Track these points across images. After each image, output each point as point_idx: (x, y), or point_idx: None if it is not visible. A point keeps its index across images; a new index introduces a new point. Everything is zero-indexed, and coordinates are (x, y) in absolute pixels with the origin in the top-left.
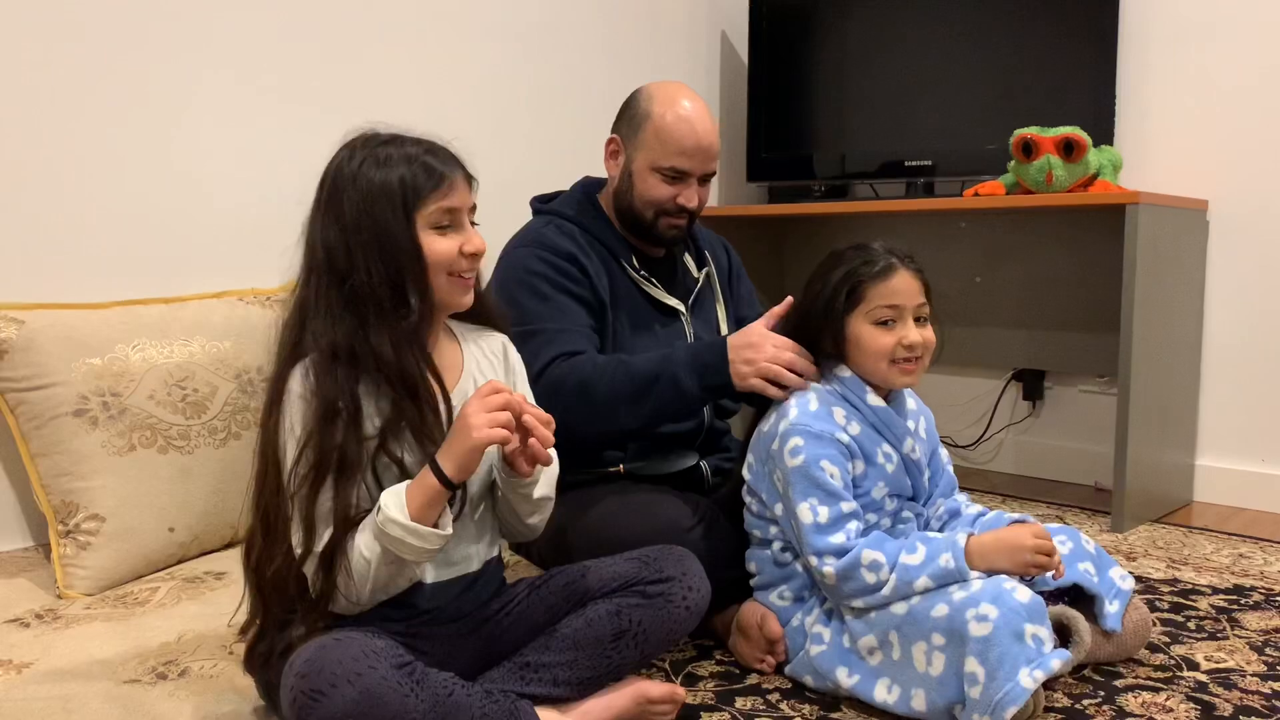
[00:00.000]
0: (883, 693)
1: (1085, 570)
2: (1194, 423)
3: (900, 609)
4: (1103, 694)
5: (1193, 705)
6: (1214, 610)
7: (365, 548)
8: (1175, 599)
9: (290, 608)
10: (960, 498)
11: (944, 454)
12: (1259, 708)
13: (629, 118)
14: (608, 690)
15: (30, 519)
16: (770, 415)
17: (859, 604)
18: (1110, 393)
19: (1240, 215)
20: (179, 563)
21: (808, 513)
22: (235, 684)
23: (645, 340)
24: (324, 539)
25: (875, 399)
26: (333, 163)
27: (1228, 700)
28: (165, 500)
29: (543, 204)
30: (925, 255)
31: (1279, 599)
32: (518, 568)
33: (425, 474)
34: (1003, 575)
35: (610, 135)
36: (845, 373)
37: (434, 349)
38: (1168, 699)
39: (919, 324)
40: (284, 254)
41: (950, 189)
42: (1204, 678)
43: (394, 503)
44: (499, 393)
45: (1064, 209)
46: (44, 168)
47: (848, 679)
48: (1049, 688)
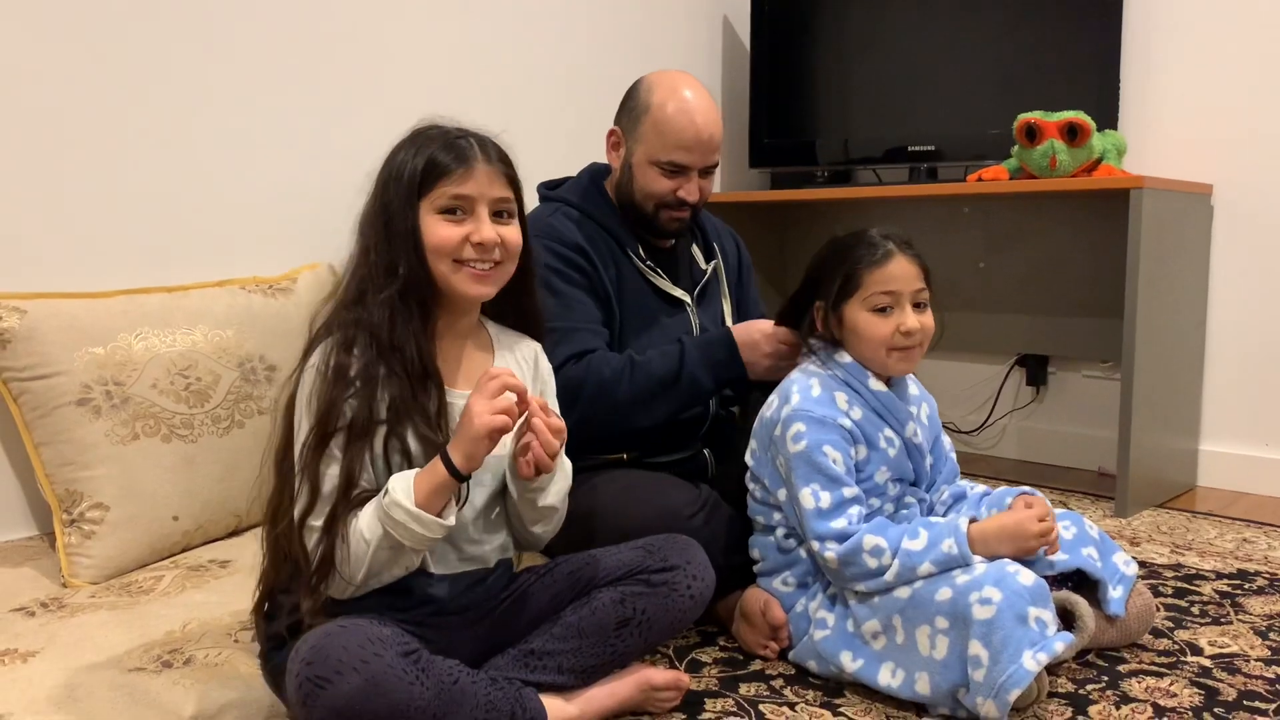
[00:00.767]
0: (887, 676)
1: (1089, 555)
2: (1197, 407)
3: (904, 593)
4: (1106, 679)
5: (1196, 690)
6: (1218, 595)
7: (366, 529)
8: (1179, 584)
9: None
10: (963, 483)
11: (946, 441)
12: (1263, 692)
13: (629, 109)
14: (612, 677)
15: (35, 508)
16: (773, 401)
17: (862, 588)
18: (1114, 378)
19: (1244, 200)
20: (183, 551)
21: (810, 498)
22: (240, 672)
23: (650, 331)
24: (326, 509)
25: (877, 384)
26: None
27: (1231, 685)
28: (169, 489)
29: (549, 190)
30: (928, 241)
31: None
32: (524, 556)
33: (435, 463)
34: (1005, 559)
35: (611, 127)
36: (846, 359)
37: (455, 347)
38: (1171, 684)
39: (917, 309)
40: (287, 241)
41: (954, 174)
42: (1208, 663)
43: (401, 487)
44: (497, 379)
45: (1068, 194)
46: (46, 156)
47: (852, 663)
48: (1052, 673)
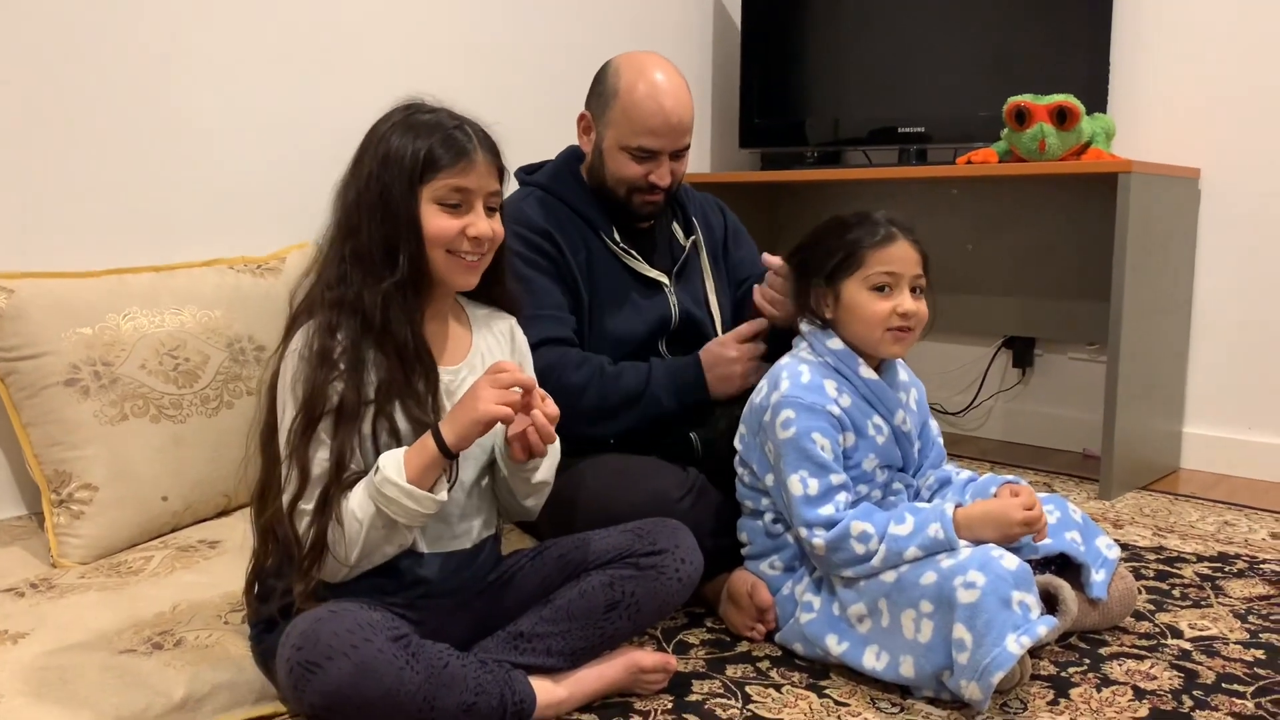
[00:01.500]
0: (871, 659)
1: (1073, 539)
2: (1182, 390)
3: (889, 577)
4: (1088, 661)
5: (1176, 673)
6: (1198, 578)
7: (358, 508)
8: (1160, 566)
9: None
10: (949, 467)
11: (934, 426)
12: (1241, 675)
13: (598, 93)
14: (600, 660)
15: (23, 487)
16: (762, 387)
17: (848, 574)
18: (1100, 360)
19: (1231, 184)
20: (173, 531)
21: (798, 485)
22: (231, 654)
23: (625, 313)
24: (317, 492)
25: (867, 371)
26: (373, 125)
27: (1210, 668)
28: (158, 469)
29: (527, 175)
30: (917, 223)
31: (1262, 567)
32: (511, 538)
33: (425, 439)
34: (990, 544)
35: (582, 111)
36: (837, 344)
37: (440, 327)
38: (1151, 666)
39: (914, 295)
40: (275, 220)
41: (943, 156)
42: (1187, 645)
43: (392, 464)
44: (509, 372)
45: (1056, 177)
46: (30, 134)
47: (837, 646)
48: (1034, 655)
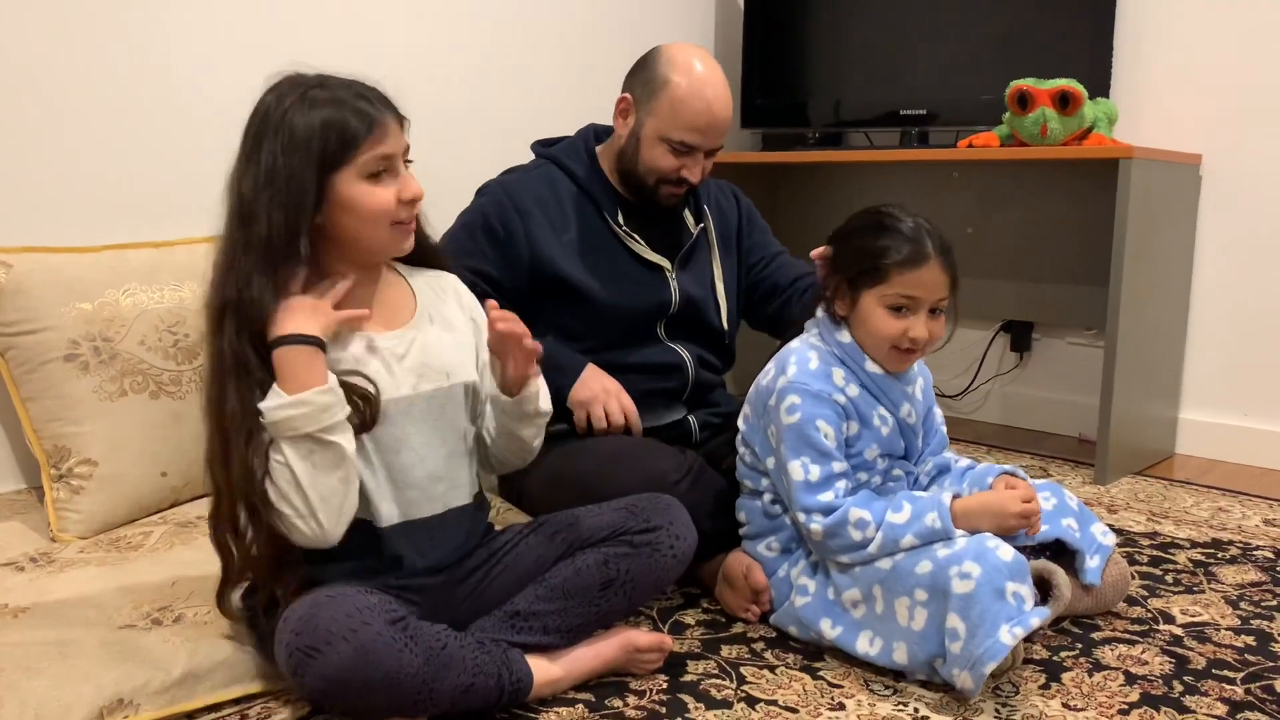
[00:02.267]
0: (865, 645)
1: (1068, 526)
2: (1179, 376)
3: (885, 564)
4: (1080, 646)
5: (1167, 659)
6: (1191, 564)
7: (276, 459)
8: (1154, 552)
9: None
10: (948, 454)
11: (938, 414)
12: (1232, 661)
13: (644, 80)
14: (596, 638)
15: (22, 461)
16: (769, 369)
17: (845, 559)
18: (1097, 345)
19: (1233, 171)
20: (172, 506)
21: (799, 470)
22: (230, 631)
23: (622, 292)
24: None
25: (873, 366)
26: (258, 107)
27: (1201, 654)
28: (157, 445)
29: (543, 147)
30: (917, 205)
31: (1255, 553)
32: (507, 515)
33: (280, 355)
34: (986, 534)
35: (622, 94)
36: (845, 338)
37: (378, 292)
38: (1143, 652)
39: (933, 315)
40: None
41: (945, 139)
42: (1179, 631)
43: (269, 399)
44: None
45: (1058, 162)
46: (29, 108)
47: (831, 631)
48: (1027, 640)
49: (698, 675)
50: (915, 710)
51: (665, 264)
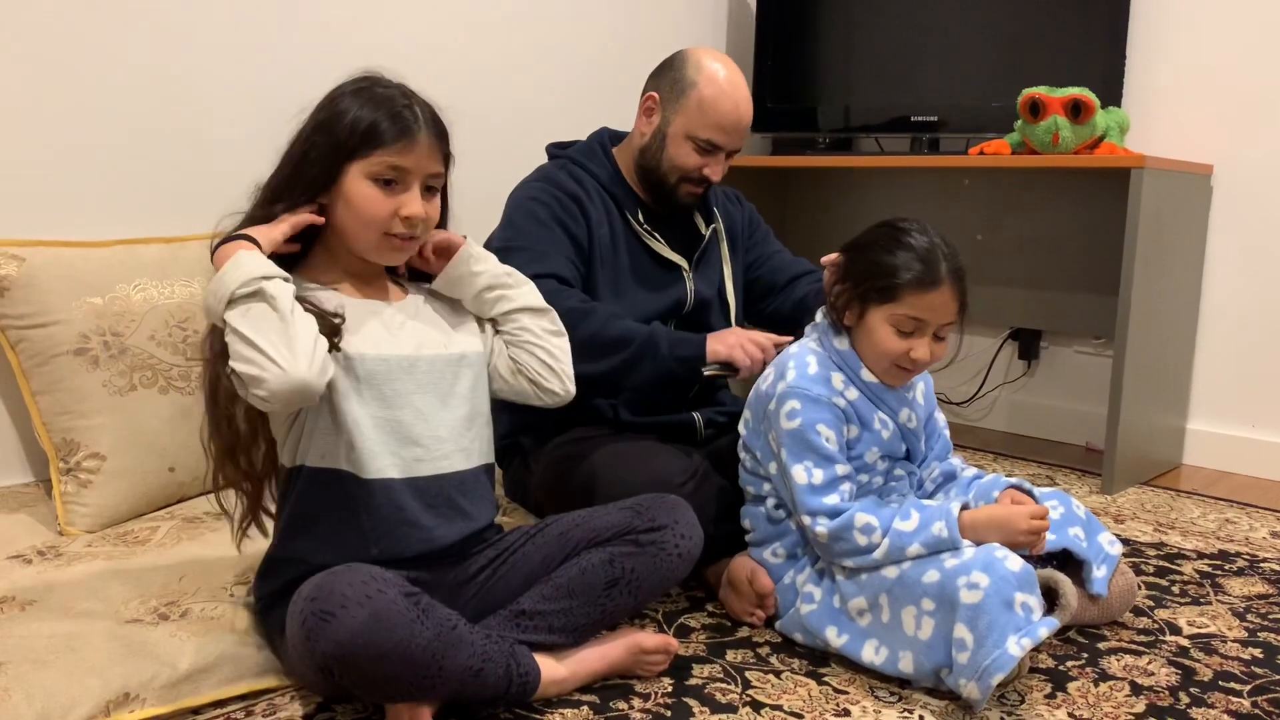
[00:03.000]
0: (870, 653)
1: (1075, 535)
2: (1187, 386)
3: (891, 573)
4: (1086, 656)
5: (1173, 670)
6: (1198, 575)
7: (226, 339)
8: (1161, 563)
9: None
10: (955, 460)
11: (940, 418)
12: (1238, 673)
13: (671, 80)
14: (602, 639)
15: (31, 454)
16: (769, 374)
17: (850, 564)
18: (1105, 354)
19: (1244, 181)
20: (179, 501)
21: (802, 474)
22: (236, 627)
23: (643, 291)
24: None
25: (869, 375)
26: (333, 89)
27: (1208, 665)
28: (166, 440)
29: (559, 150)
30: (927, 211)
31: (1263, 565)
32: (514, 515)
33: (216, 255)
34: (994, 544)
35: (648, 92)
36: (844, 345)
37: (373, 270)
38: (1149, 662)
39: (937, 338)
40: None
41: (955, 146)
42: (1185, 642)
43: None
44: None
45: (1069, 170)
46: (43, 102)
47: (837, 638)
48: (1034, 649)
49: (703, 679)
50: (921, 717)
51: (683, 263)
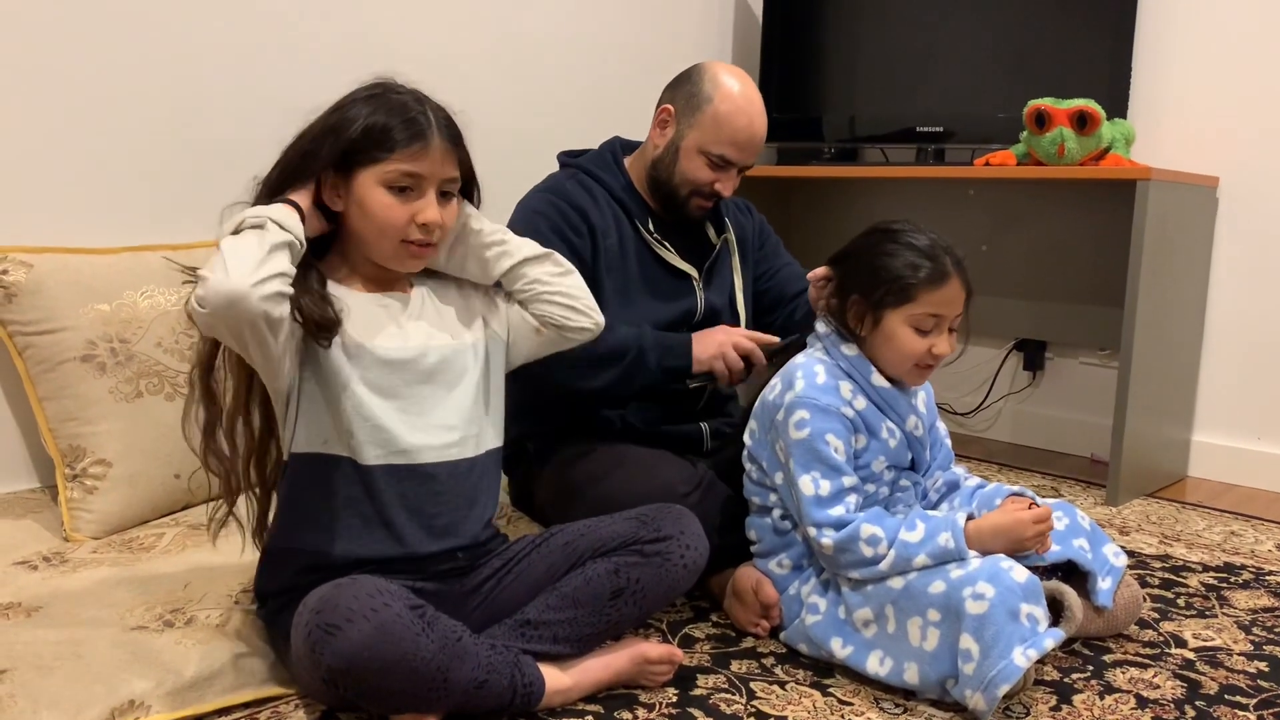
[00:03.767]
0: (875, 664)
1: (1080, 546)
2: (1192, 398)
3: (897, 583)
4: (1091, 668)
5: (1179, 683)
6: (1204, 588)
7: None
8: (1166, 575)
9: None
10: (958, 470)
11: (942, 427)
12: (1244, 687)
13: (688, 94)
14: (607, 649)
15: (37, 460)
16: (776, 384)
17: (856, 576)
18: (1111, 366)
19: (1250, 194)
20: (185, 509)
21: (809, 485)
22: (241, 634)
23: (653, 300)
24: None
25: (879, 379)
26: (352, 91)
27: (1213, 679)
28: (171, 447)
29: (570, 158)
30: (932, 222)
31: (1268, 578)
32: (520, 524)
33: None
34: (1000, 554)
35: (663, 104)
36: (852, 351)
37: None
38: (1155, 675)
39: (950, 332)
40: None
41: (961, 157)
42: (1191, 655)
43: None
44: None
45: (1074, 182)
46: (51, 109)
47: (842, 650)
48: (1038, 661)
49: (707, 689)
50: None
51: (693, 273)
